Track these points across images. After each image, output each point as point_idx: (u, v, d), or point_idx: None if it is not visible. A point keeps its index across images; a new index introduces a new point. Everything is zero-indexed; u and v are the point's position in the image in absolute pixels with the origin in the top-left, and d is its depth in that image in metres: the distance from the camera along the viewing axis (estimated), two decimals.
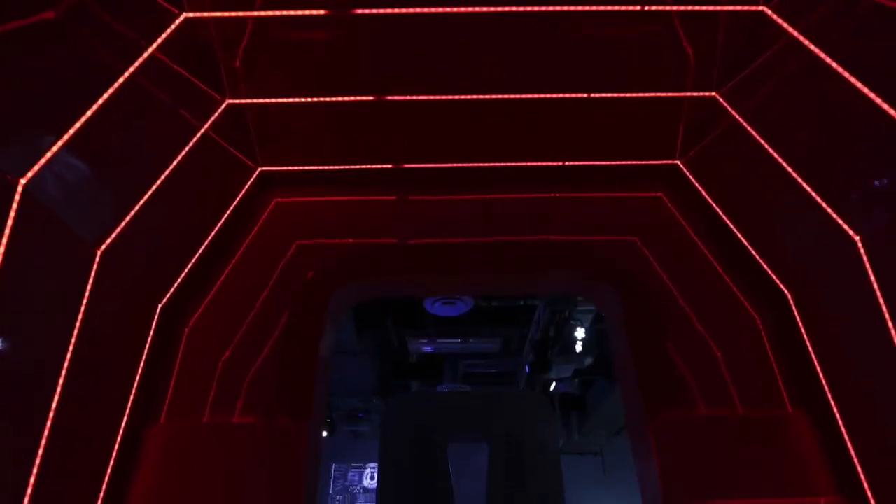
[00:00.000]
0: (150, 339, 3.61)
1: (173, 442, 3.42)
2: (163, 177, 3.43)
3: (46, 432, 2.63)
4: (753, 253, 3.90)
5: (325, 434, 12.80)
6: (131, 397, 3.38)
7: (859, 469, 3.07)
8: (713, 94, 3.81)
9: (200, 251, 4.03)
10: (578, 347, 7.27)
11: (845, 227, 3.06)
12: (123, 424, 3.28)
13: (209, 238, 4.07)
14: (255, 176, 4.41)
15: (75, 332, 2.85)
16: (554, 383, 9.50)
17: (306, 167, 4.45)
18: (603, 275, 4.17)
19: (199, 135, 3.65)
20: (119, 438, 3.24)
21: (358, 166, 4.43)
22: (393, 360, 11.12)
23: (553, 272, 4.24)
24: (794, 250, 3.59)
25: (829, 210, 3.14)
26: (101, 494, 3.08)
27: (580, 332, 7.02)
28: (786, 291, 3.70)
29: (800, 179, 3.28)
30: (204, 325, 4.06)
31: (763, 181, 3.61)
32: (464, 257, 4.28)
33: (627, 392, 3.89)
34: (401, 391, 11.02)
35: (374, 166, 4.43)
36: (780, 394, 3.63)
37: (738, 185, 3.95)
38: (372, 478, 15.68)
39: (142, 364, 3.50)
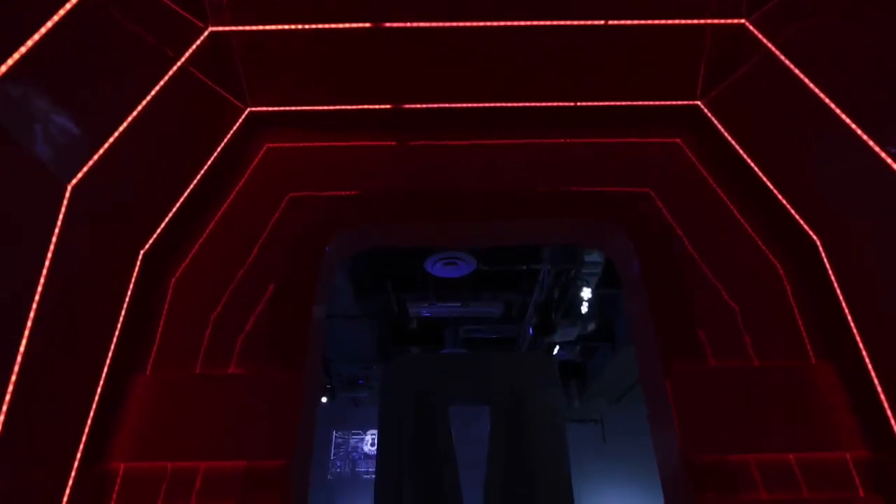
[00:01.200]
0: (131, 286, 3.37)
1: (160, 392, 3.22)
2: (138, 110, 3.13)
3: (14, 377, 2.41)
4: (780, 198, 3.62)
5: (324, 400, 12.76)
6: (112, 346, 3.15)
7: (893, 422, 2.86)
8: (742, 21, 3.48)
9: (185, 196, 3.75)
10: (584, 308, 7.06)
11: (890, 162, 2.78)
12: (104, 374, 3.07)
13: (194, 182, 3.79)
14: (243, 117, 4.10)
15: (44, 270, 2.60)
16: (557, 347, 9.34)
17: (299, 107, 4.14)
18: (617, 223, 3.91)
19: (177, 65, 3.33)
20: (100, 388, 3.03)
21: (354, 106, 4.12)
22: (393, 326, 10.96)
23: (563, 220, 3.97)
24: (828, 192, 3.32)
25: (873, 145, 2.86)
26: (82, 444, 2.88)
27: (586, 293, 6.80)
28: (814, 237, 3.44)
29: (841, 114, 2.99)
30: (191, 278, 3.82)
31: (797, 119, 3.32)
32: (467, 205, 4.01)
33: (642, 345, 3.68)
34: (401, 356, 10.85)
35: (371, 106, 4.12)
36: (803, 345, 3.42)
37: (766, 126, 3.66)
38: (372, 444, 15.73)
39: (123, 312, 3.27)
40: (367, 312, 9.69)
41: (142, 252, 3.49)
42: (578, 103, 4.09)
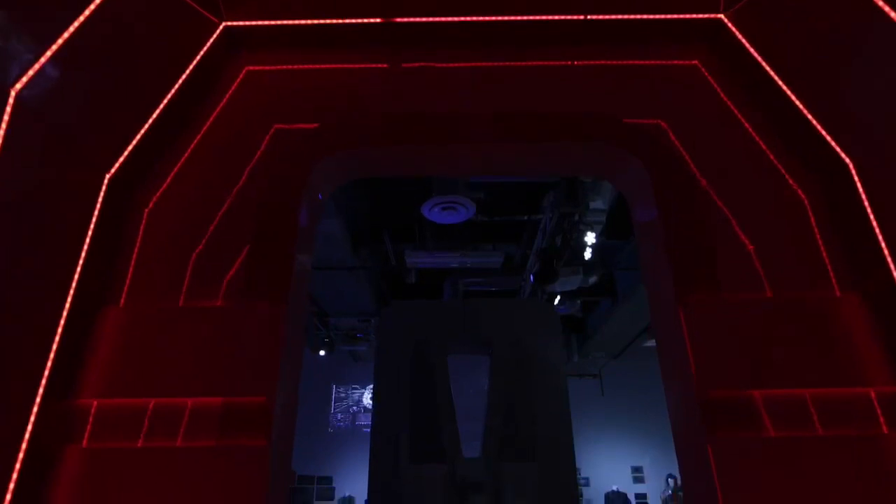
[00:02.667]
0: (97, 212, 3.08)
1: (135, 325, 2.99)
2: (91, 9, 2.76)
3: None
4: (811, 118, 3.28)
5: (322, 353, 12.71)
6: (76, 275, 2.89)
7: None
8: None
9: (155, 117, 3.41)
10: (587, 254, 6.79)
11: None
12: (68, 304, 2.82)
13: (165, 101, 3.44)
14: (218, 32, 3.71)
15: None
16: (558, 298, 9.15)
17: (279, 21, 3.75)
18: (630, 151, 3.58)
19: None
20: (63, 319, 2.79)
21: (340, 20, 3.72)
22: (391, 278, 10.76)
23: (572, 146, 3.64)
24: (865, 109, 2.98)
25: None
26: (45, 378, 2.66)
27: (590, 237, 6.51)
28: (846, 159, 3.12)
29: (891, 11, 2.62)
30: (168, 209, 3.52)
31: (835, 25, 2.94)
32: (468, 128, 3.67)
33: (654, 280, 3.41)
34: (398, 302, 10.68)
35: (359, 20, 3.72)
36: (827, 277, 3.15)
37: (799, 38, 3.27)
38: (371, 397, 15.85)
39: (88, 239, 2.99)
40: (364, 263, 9.46)
41: (108, 176, 3.18)
42: (589, 16, 3.69)
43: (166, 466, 2.65)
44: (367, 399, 16.19)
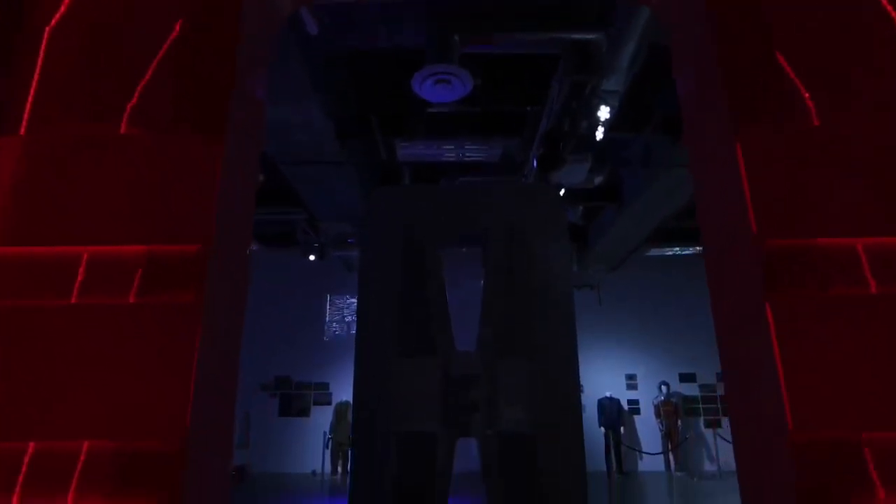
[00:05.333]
0: None
1: (36, 158, 2.33)
2: None
3: None
4: None
5: (312, 258, 12.25)
6: None
7: None
8: None
9: None
10: (599, 134, 6.03)
11: None
12: None
13: None
14: None
15: None
16: (562, 192, 8.51)
17: None
18: None
19: None
20: None
21: None
22: (382, 175, 10.03)
23: None
24: None
25: None
26: None
27: (604, 112, 5.72)
28: None
29: None
30: (72, 21, 2.73)
31: None
32: None
33: (700, 114, 2.70)
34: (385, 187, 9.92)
35: None
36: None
37: None
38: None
39: None
40: (352, 158, 8.69)
41: None
42: None
43: (73, 327, 2.10)
44: None
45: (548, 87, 6.93)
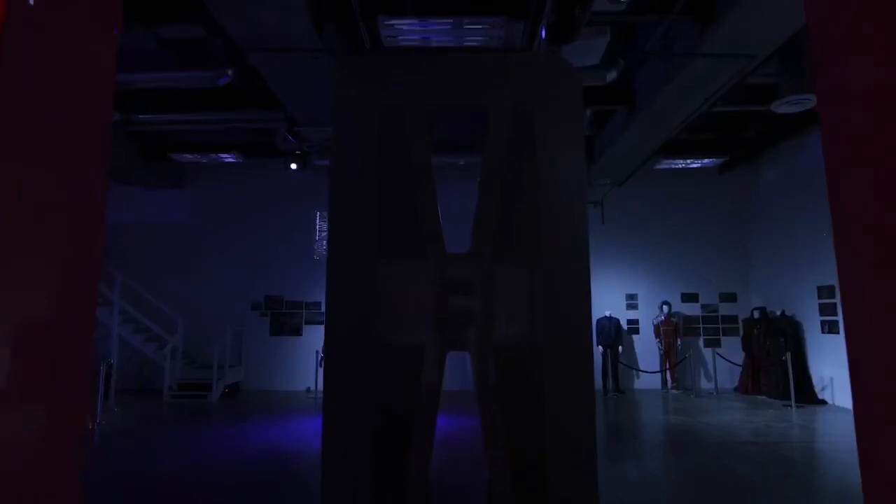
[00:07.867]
0: None
1: None
2: None
3: None
4: None
5: (294, 166, 11.32)
6: None
7: None
8: None
9: None
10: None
11: None
12: None
13: None
14: None
15: None
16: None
17: None
18: None
19: None
20: None
21: None
22: None
23: None
24: None
25: None
26: None
27: None
28: None
29: None
30: None
31: None
32: None
33: None
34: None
35: None
36: None
37: None
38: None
39: None
40: (330, 45, 7.55)
41: None
42: None
43: None
44: None
45: None
